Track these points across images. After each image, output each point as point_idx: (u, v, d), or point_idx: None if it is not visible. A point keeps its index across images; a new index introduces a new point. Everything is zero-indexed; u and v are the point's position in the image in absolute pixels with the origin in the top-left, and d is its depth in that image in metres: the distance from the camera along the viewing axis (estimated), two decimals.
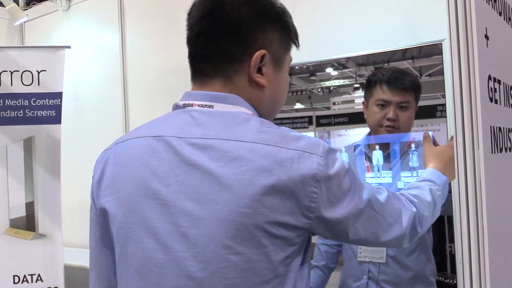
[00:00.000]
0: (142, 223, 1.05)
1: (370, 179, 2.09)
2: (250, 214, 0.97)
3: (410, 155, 2.02)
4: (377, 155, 2.09)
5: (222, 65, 1.12)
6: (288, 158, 1.00)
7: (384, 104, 2.02)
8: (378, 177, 2.09)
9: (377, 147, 2.08)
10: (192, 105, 1.13)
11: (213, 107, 1.10)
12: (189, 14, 1.17)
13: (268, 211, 0.98)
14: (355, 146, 2.18)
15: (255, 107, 1.15)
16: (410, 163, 2.02)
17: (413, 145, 2.01)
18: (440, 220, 2.13)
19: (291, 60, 1.23)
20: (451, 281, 2.17)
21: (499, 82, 1.17)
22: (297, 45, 1.24)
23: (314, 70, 2.75)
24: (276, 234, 0.99)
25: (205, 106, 1.11)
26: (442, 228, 2.17)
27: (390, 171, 2.06)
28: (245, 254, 0.97)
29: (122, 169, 1.11)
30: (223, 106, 1.10)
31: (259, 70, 1.13)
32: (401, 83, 2.01)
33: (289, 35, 1.19)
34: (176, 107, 1.18)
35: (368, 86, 2.11)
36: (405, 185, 1.87)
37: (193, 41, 1.16)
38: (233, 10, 1.11)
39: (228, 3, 1.11)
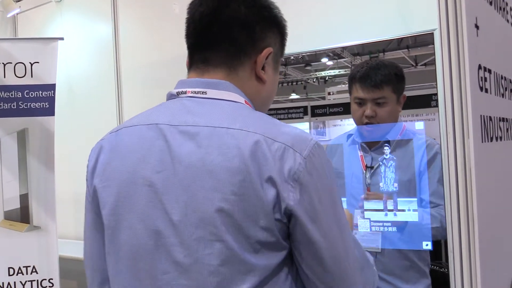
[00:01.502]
0: (133, 210, 1.06)
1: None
2: (235, 201, 0.97)
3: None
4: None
5: (231, 55, 1.14)
6: (272, 150, 1.00)
7: (360, 102, 2.06)
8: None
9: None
10: (185, 92, 1.14)
11: (206, 93, 1.11)
12: (197, 4, 1.21)
13: (271, 197, 0.98)
14: (348, 136, 2.20)
15: (251, 99, 1.16)
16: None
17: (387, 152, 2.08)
18: None
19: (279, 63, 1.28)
20: (446, 270, 2.19)
21: (489, 71, 1.17)
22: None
23: (309, 60, 2.75)
24: (272, 218, 0.99)
25: (198, 92, 1.12)
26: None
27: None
28: (229, 242, 0.97)
29: (115, 157, 1.13)
30: (216, 92, 1.11)
31: (263, 67, 1.16)
32: (372, 80, 2.02)
33: (283, 38, 1.24)
34: (170, 96, 1.20)
35: (349, 83, 2.15)
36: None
37: (201, 31, 1.18)
38: (249, 6, 1.15)
39: (244, 1, 1.16)
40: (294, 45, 1.36)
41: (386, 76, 2.06)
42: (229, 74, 1.14)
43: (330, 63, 2.70)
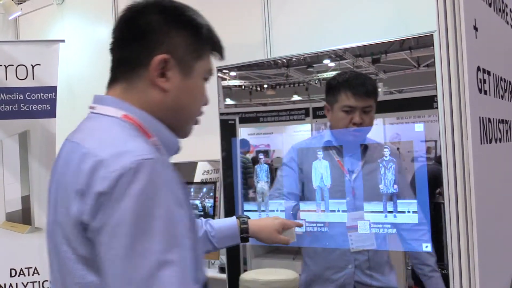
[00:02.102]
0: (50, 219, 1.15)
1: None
2: (64, 213, 1.04)
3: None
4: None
5: (127, 69, 1.16)
6: (89, 164, 1.00)
7: (349, 110, 2.15)
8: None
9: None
10: (92, 107, 1.21)
11: (95, 109, 1.18)
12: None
13: (75, 212, 1.01)
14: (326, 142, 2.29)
15: (154, 111, 1.15)
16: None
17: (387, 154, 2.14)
18: (437, 211, 2.16)
19: (210, 69, 1.25)
20: (448, 271, 2.19)
21: (488, 73, 1.17)
22: (220, 55, 1.27)
23: (311, 61, 2.75)
24: (84, 235, 1.01)
25: (92, 107, 1.20)
26: (440, 219, 2.18)
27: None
28: (63, 252, 1.05)
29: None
30: (100, 107, 1.16)
31: (164, 75, 1.14)
32: (365, 89, 2.15)
33: (200, 43, 1.20)
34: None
35: (331, 91, 2.23)
36: None
37: (110, 49, 1.22)
38: (143, 17, 1.16)
39: (140, 11, 1.17)
40: (296, 47, 1.35)
41: (373, 86, 2.22)
42: (127, 87, 1.16)
43: (332, 64, 2.69)
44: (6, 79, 3.06)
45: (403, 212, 2.19)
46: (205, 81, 1.24)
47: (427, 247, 2.15)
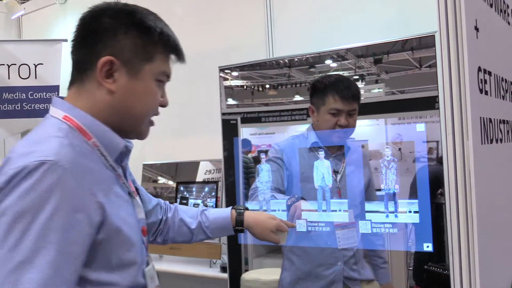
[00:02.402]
0: None
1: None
2: None
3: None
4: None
5: (79, 72, 1.20)
6: (3, 163, 1.07)
7: (336, 113, 2.21)
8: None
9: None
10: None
11: (50, 110, 1.21)
12: None
13: None
14: (312, 143, 2.32)
15: (102, 112, 1.19)
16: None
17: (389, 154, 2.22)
18: (439, 210, 2.17)
19: (163, 71, 1.25)
20: (449, 272, 2.19)
21: (489, 73, 1.17)
22: (177, 57, 1.28)
23: (313, 62, 2.75)
24: None
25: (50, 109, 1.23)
26: (441, 219, 2.19)
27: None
28: None
29: None
30: (51, 108, 1.20)
31: (111, 76, 1.17)
32: (351, 93, 2.23)
33: (150, 46, 1.21)
34: None
35: (317, 93, 2.27)
36: None
37: (70, 52, 1.25)
38: (93, 21, 1.20)
39: (92, 16, 1.21)
40: (298, 47, 1.35)
41: (358, 90, 2.30)
42: (79, 90, 1.20)
43: (334, 65, 2.70)
44: (9, 78, 3.08)
45: (404, 212, 2.19)
46: (160, 83, 1.25)
47: (428, 247, 2.16)
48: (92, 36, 1.18)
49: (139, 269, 1.21)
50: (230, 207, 1.73)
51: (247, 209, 1.73)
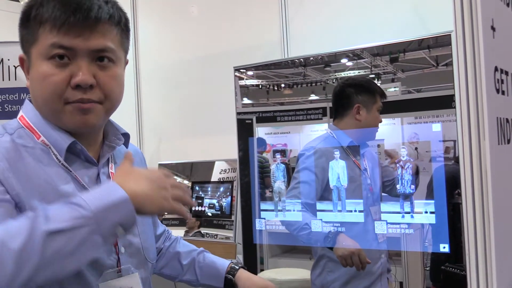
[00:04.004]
0: None
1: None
2: None
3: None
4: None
5: None
6: None
7: (380, 111, 2.34)
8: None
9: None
10: None
11: None
12: None
13: None
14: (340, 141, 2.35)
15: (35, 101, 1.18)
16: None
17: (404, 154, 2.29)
18: (456, 211, 2.15)
19: (50, 44, 1.09)
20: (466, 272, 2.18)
21: (506, 73, 1.16)
22: (57, 19, 1.08)
23: (329, 61, 2.75)
24: None
25: None
26: (458, 219, 2.17)
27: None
28: None
29: None
30: None
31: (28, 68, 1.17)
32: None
33: (30, 27, 1.12)
34: None
35: (368, 93, 2.34)
36: None
37: None
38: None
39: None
40: (313, 47, 1.34)
41: None
42: None
43: (349, 63, 2.69)
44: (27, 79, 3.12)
45: (420, 212, 2.18)
46: (56, 59, 1.09)
47: (445, 247, 2.14)
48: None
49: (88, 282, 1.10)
50: (229, 261, 1.58)
51: (244, 268, 1.58)
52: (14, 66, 3.14)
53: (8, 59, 3.16)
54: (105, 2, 1.14)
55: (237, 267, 1.53)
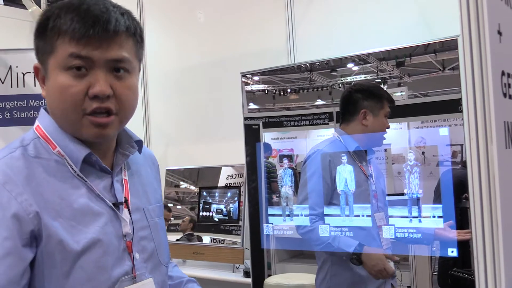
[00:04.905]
0: None
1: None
2: None
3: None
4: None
5: None
6: None
7: (387, 116, 2.32)
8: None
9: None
10: None
11: None
12: None
13: None
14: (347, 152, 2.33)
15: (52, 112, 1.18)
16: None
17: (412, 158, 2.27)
18: (464, 215, 2.15)
19: (68, 55, 1.10)
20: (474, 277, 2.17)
21: None
22: (78, 29, 1.09)
23: (335, 65, 2.75)
24: None
25: None
26: (466, 224, 2.17)
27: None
28: None
29: None
30: None
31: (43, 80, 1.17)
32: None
33: (47, 37, 1.13)
34: None
35: (375, 98, 2.32)
36: None
37: None
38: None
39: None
40: (320, 52, 1.35)
41: None
42: None
43: (355, 68, 2.70)
44: (35, 86, 3.14)
45: (428, 217, 2.18)
46: (73, 70, 1.10)
47: (453, 252, 2.14)
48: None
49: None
50: None
51: None
52: (22, 73, 3.17)
53: (17, 66, 3.19)
54: (121, 13, 1.14)
55: None
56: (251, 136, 2.89)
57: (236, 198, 3.32)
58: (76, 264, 1.07)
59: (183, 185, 3.71)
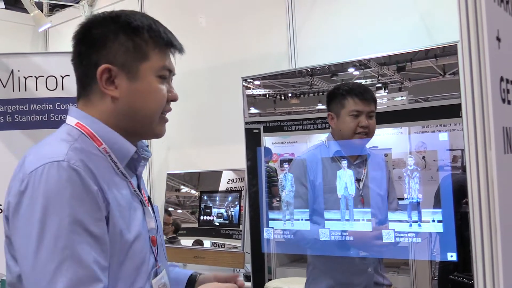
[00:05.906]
0: None
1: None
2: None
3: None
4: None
5: (83, 88, 1.24)
6: (20, 165, 1.15)
7: (357, 114, 2.19)
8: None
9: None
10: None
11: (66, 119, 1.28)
12: None
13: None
14: (335, 152, 2.29)
15: (110, 119, 1.22)
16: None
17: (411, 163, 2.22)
18: (464, 219, 2.15)
19: (162, 66, 1.25)
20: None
21: None
22: (173, 48, 1.32)
23: (336, 70, 2.76)
24: None
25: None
26: (466, 228, 2.17)
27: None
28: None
29: None
30: (67, 117, 1.26)
31: (112, 83, 1.20)
32: (370, 95, 2.23)
33: (142, 45, 1.22)
34: None
35: (336, 99, 2.25)
36: None
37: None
38: (84, 36, 1.23)
39: (82, 31, 1.24)
40: (321, 57, 1.36)
41: (374, 94, 2.30)
42: (86, 102, 1.24)
43: (356, 73, 2.70)
44: (37, 89, 3.15)
45: (428, 221, 2.18)
46: (162, 78, 1.25)
47: (452, 256, 2.14)
48: (86, 51, 1.21)
49: (146, 279, 1.21)
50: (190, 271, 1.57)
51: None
52: (24, 77, 3.18)
53: (18, 70, 3.20)
54: None
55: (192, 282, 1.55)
56: (252, 140, 2.90)
57: (236, 202, 3.32)
58: (128, 254, 1.15)
59: (184, 189, 3.72)
